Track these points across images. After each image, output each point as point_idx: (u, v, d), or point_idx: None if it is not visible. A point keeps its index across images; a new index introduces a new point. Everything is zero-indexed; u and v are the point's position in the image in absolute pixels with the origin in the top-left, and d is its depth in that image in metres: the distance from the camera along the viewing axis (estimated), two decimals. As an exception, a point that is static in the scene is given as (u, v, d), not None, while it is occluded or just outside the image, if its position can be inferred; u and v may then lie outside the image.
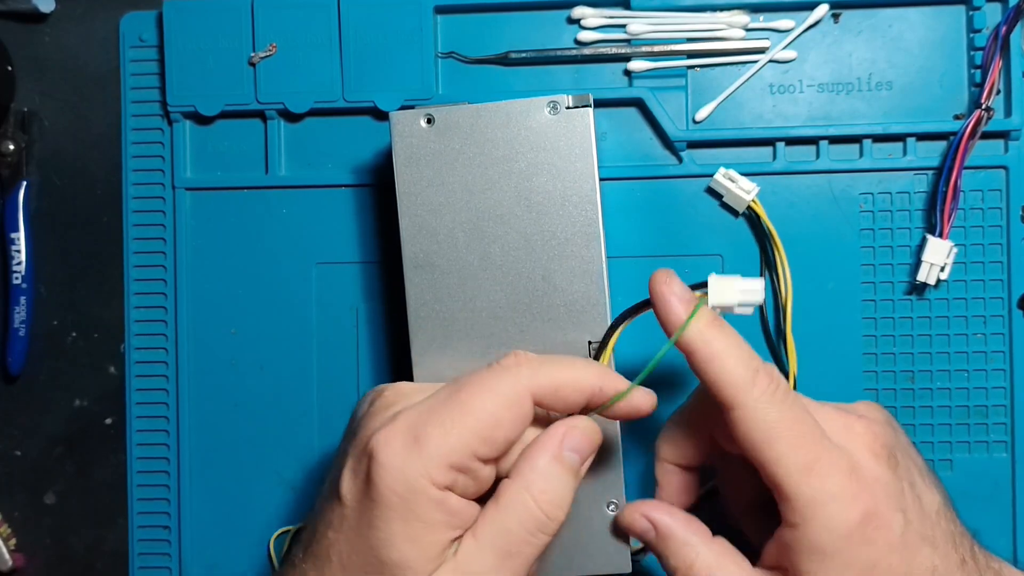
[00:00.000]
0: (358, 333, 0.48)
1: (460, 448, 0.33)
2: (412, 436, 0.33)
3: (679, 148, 0.46)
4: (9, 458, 0.51)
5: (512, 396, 0.34)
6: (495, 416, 0.34)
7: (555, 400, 0.35)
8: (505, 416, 0.34)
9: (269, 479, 0.49)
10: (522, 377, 0.35)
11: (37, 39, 0.51)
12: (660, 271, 0.36)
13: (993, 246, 0.46)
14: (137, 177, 0.49)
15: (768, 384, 0.34)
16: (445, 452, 0.33)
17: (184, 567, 0.49)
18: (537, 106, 0.41)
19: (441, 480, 0.33)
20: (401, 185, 0.41)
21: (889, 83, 0.46)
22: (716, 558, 0.35)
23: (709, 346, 0.34)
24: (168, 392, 0.49)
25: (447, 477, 0.33)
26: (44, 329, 0.51)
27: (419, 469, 0.33)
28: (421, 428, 0.33)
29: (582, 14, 0.47)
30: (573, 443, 0.35)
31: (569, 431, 0.35)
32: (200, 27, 0.47)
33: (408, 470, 0.33)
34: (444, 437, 0.33)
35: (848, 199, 0.46)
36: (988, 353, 0.46)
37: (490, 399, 0.34)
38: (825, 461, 0.33)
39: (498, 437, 0.34)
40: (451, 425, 0.33)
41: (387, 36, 0.47)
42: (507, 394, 0.34)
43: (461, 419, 0.33)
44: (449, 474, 0.33)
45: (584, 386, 0.36)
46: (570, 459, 0.35)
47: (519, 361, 0.35)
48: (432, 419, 0.34)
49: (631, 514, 0.38)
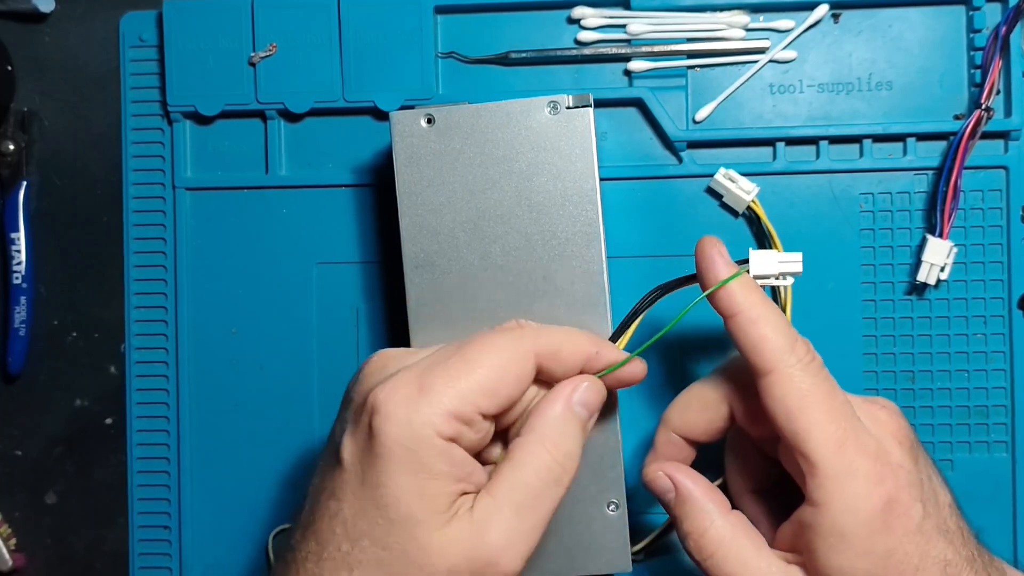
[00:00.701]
0: (358, 333, 0.48)
1: (465, 399, 0.33)
2: (417, 386, 0.33)
3: (679, 148, 0.46)
4: (9, 458, 0.51)
5: (517, 353, 0.35)
6: (500, 371, 0.34)
7: (555, 362, 0.36)
8: (510, 372, 0.34)
9: (269, 479, 0.49)
10: (526, 337, 0.35)
11: (37, 39, 0.51)
12: (708, 237, 0.37)
13: (993, 246, 0.46)
14: (137, 177, 0.49)
15: (806, 353, 0.35)
16: (450, 401, 0.33)
17: (184, 567, 0.49)
18: (537, 106, 0.41)
19: (446, 430, 0.33)
20: (401, 185, 0.41)
21: (889, 83, 0.46)
22: (731, 530, 0.36)
23: (753, 309, 0.35)
24: (168, 392, 0.49)
25: (451, 428, 0.33)
26: (44, 329, 0.51)
27: (424, 418, 0.33)
28: (426, 378, 0.34)
29: (582, 14, 0.47)
30: (581, 397, 0.36)
31: (577, 386, 0.36)
32: (200, 27, 0.47)
33: (414, 419, 0.33)
34: (450, 387, 0.33)
35: (848, 199, 0.46)
36: (988, 353, 0.46)
37: (496, 355, 0.34)
38: (856, 439, 0.34)
39: (502, 392, 0.34)
40: (457, 376, 0.33)
41: (387, 36, 0.47)
42: (512, 351, 0.35)
43: (467, 371, 0.34)
44: (453, 425, 0.33)
45: (582, 349, 0.36)
46: (580, 413, 0.36)
47: (522, 325, 0.36)
48: (437, 371, 0.34)
49: (655, 470, 0.38)
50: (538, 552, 0.41)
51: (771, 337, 0.35)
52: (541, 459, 0.34)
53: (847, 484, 0.33)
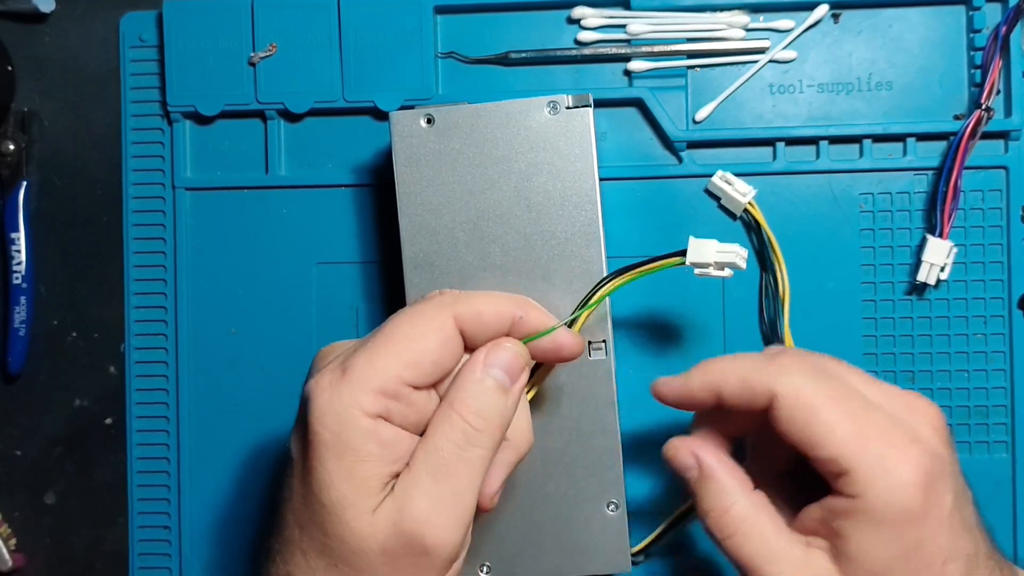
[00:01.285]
0: (358, 333, 0.48)
1: (386, 372, 0.33)
2: (340, 371, 0.33)
3: (679, 148, 0.46)
4: (9, 458, 0.51)
5: (436, 320, 0.35)
6: (421, 339, 0.34)
7: (477, 326, 0.35)
8: (431, 339, 0.34)
9: (269, 479, 0.49)
10: (444, 303, 0.35)
11: (37, 39, 0.51)
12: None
13: (993, 246, 0.46)
14: (137, 177, 0.49)
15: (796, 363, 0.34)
16: (371, 376, 0.33)
17: (184, 567, 0.49)
18: (537, 106, 0.41)
19: (371, 407, 0.33)
20: (401, 185, 0.42)
21: (889, 83, 0.46)
22: (753, 510, 0.35)
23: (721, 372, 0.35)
24: (168, 392, 0.49)
25: (377, 404, 0.33)
26: (44, 329, 0.51)
27: (347, 399, 0.33)
28: (348, 361, 0.34)
29: (582, 14, 0.47)
30: (496, 359, 0.35)
31: (491, 348, 0.35)
32: (200, 27, 0.47)
33: (336, 402, 0.33)
34: (370, 364, 0.33)
35: (848, 199, 0.46)
36: (988, 353, 0.46)
37: (413, 324, 0.34)
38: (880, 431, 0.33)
39: (425, 361, 0.34)
40: (375, 352, 0.33)
41: (387, 36, 0.47)
42: (431, 318, 0.35)
43: (386, 345, 0.34)
44: (379, 400, 0.33)
45: (505, 312, 0.36)
46: (495, 375, 0.35)
47: (442, 292, 0.36)
48: (359, 352, 0.34)
49: (678, 448, 0.37)
50: (538, 552, 0.41)
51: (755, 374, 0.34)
52: (448, 420, 0.34)
53: (880, 477, 0.32)
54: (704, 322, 0.47)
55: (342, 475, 0.33)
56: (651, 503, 0.46)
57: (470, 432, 0.34)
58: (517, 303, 0.37)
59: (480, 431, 0.34)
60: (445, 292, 0.37)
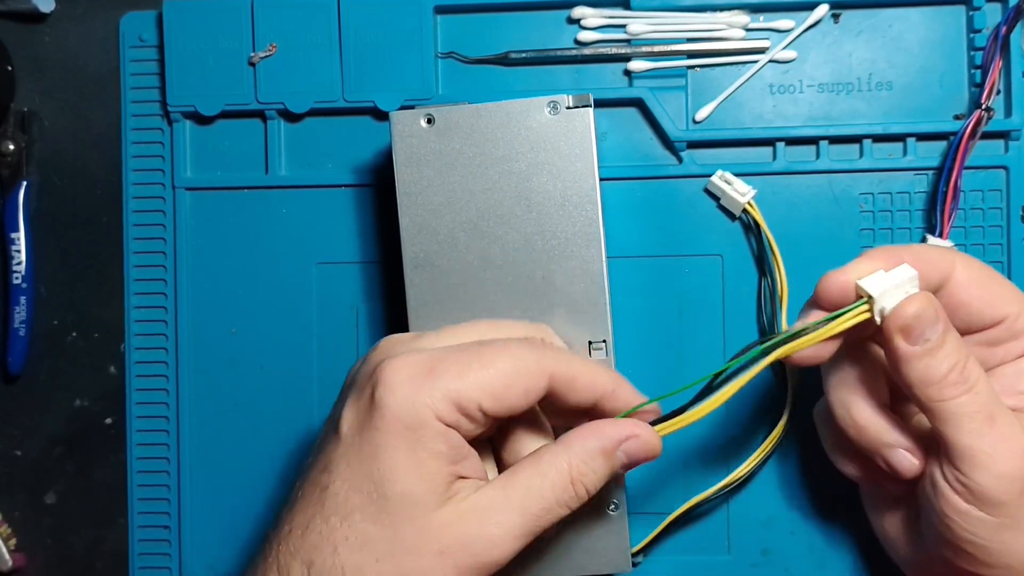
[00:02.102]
0: (358, 333, 0.48)
1: (471, 392, 0.33)
2: (427, 367, 0.33)
3: (679, 148, 0.46)
4: (9, 458, 0.51)
5: (533, 367, 0.34)
6: (512, 377, 0.34)
7: (568, 389, 0.35)
8: (520, 382, 0.34)
9: (269, 479, 0.49)
10: (546, 356, 0.35)
11: (37, 39, 0.51)
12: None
13: (993, 246, 0.46)
14: (137, 177, 0.49)
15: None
16: (456, 390, 0.33)
17: (184, 567, 0.49)
18: (537, 106, 0.41)
19: (447, 416, 0.33)
20: (401, 185, 0.42)
21: (889, 83, 0.46)
22: None
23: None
24: (168, 392, 0.49)
25: (452, 415, 0.33)
26: (44, 329, 0.51)
27: (427, 400, 0.33)
28: (436, 364, 0.33)
29: (582, 14, 0.47)
30: (632, 447, 0.35)
31: (633, 437, 0.35)
32: (200, 27, 0.47)
33: (416, 398, 0.33)
34: (459, 377, 0.33)
35: (848, 199, 0.46)
36: (988, 353, 0.46)
37: (511, 362, 0.34)
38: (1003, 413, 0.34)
39: (507, 398, 0.34)
40: (468, 369, 0.33)
41: (387, 36, 0.47)
42: (529, 362, 0.34)
43: (479, 367, 0.34)
44: (453, 414, 0.33)
45: (599, 385, 0.36)
46: (620, 459, 0.35)
47: (546, 342, 0.36)
48: (450, 358, 0.34)
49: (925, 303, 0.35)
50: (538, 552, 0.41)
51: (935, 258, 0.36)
52: (564, 479, 0.34)
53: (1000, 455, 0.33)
54: (704, 322, 0.47)
55: (411, 468, 0.32)
56: (651, 503, 0.46)
57: (572, 497, 0.34)
58: (612, 377, 0.37)
59: (579, 500, 0.35)
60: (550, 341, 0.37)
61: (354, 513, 0.32)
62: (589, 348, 0.41)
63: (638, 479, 0.46)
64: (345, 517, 0.33)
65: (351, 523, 0.32)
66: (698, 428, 0.46)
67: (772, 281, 0.45)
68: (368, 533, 0.32)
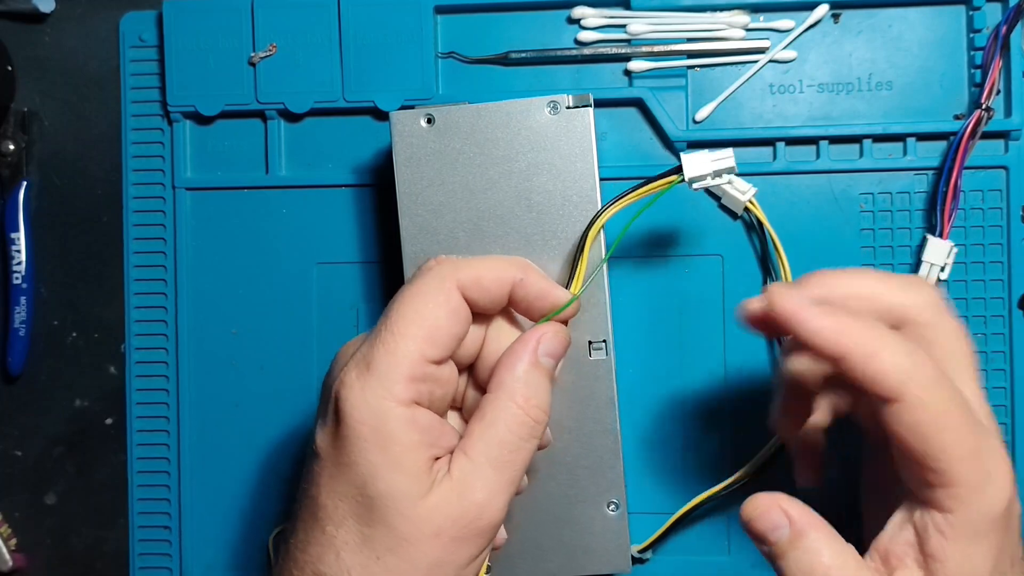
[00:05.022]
0: (358, 333, 0.48)
1: (409, 357, 0.33)
2: (364, 364, 0.34)
3: (679, 148, 0.46)
4: (9, 458, 0.51)
5: (440, 292, 0.35)
6: (432, 316, 0.34)
7: (479, 291, 0.35)
8: (441, 314, 0.34)
9: (269, 479, 0.49)
10: (444, 272, 0.35)
11: (37, 39, 0.51)
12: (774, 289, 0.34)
13: (993, 246, 0.46)
14: (137, 177, 0.49)
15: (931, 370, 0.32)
16: (395, 364, 0.33)
17: (184, 567, 0.49)
18: (537, 106, 0.41)
19: (403, 395, 0.33)
20: (401, 185, 0.42)
21: (889, 83, 0.46)
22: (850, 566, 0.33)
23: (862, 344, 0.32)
24: (168, 392, 0.49)
25: (409, 390, 0.33)
26: (44, 329, 0.51)
27: (379, 391, 0.33)
28: (369, 353, 0.34)
29: (582, 14, 0.47)
30: (547, 347, 0.36)
31: (543, 336, 0.36)
32: (200, 27, 0.47)
33: (369, 395, 0.33)
34: (391, 352, 0.33)
35: (848, 199, 0.46)
36: (988, 353, 0.46)
37: (422, 301, 0.34)
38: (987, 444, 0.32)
39: (441, 336, 0.34)
40: (393, 339, 0.34)
41: (387, 36, 0.47)
42: (434, 290, 0.35)
43: (400, 330, 0.34)
44: (409, 386, 0.33)
45: (505, 275, 0.36)
46: (546, 363, 0.36)
47: (439, 261, 0.36)
48: (376, 341, 0.34)
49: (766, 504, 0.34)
50: (538, 552, 0.41)
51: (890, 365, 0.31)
52: (514, 415, 0.34)
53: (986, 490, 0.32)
54: (704, 322, 0.47)
55: (387, 466, 0.33)
56: (651, 503, 0.46)
57: (532, 425, 0.35)
58: (516, 265, 0.37)
59: (540, 423, 0.35)
60: (442, 260, 0.36)
61: (347, 519, 0.33)
62: (589, 348, 0.41)
63: (638, 479, 0.46)
64: (339, 524, 0.33)
65: (347, 528, 0.33)
66: (699, 428, 0.46)
67: (776, 278, 0.45)
68: (364, 534, 0.33)
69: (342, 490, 0.33)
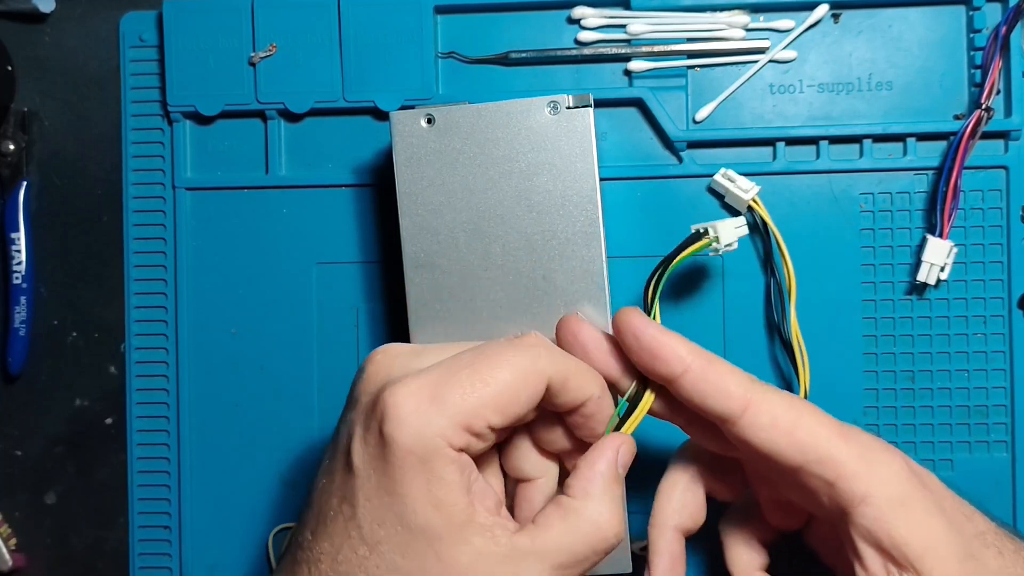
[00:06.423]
0: (358, 333, 0.48)
1: (478, 412, 0.33)
2: (429, 395, 0.33)
3: (679, 148, 0.46)
4: (9, 458, 0.51)
5: (532, 374, 0.34)
6: (514, 389, 0.34)
7: (561, 391, 0.35)
8: (522, 392, 0.34)
9: (269, 479, 0.49)
10: (541, 358, 0.35)
11: (37, 39, 0.51)
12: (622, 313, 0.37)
13: (993, 246, 0.46)
14: (137, 177, 0.49)
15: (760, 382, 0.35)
16: (462, 412, 0.33)
17: (184, 567, 0.49)
18: (537, 106, 0.41)
19: (456, 442, 0.33)
20: (401, 185, 0.41)
21: (889, 83, 0.46)
22: None
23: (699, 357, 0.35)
24: (168, 392, 0.49)
25: (462, 439, 0.33)
26: (44, 329, 0.51)
27: (436, 428, 0.32)
28: (439, 388, 0.33)
29: (582, 14, 0.47)
30: (624, 459, 0.36)
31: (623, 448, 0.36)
32: (200, 27, 0.47)
33: (426, 430, 0.32)
34: (463, 400, 0.33)
35: (848, 199, 0.46)
36: (988, 353, 0.46)
37: (510, 372, 0.34)
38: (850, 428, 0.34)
39: (512, 411, 0.34)
40: (471, 390, 0.33)
41: (387, 36, 0.47)
42: (527, 371, 0.34)
43: (482, 386, 0.33)
44: (463, 437, 0.33)
45: (587, 389, 0.36)
46: (622, 476, 0.36)
47: (538, 343, 0.35)
48: (451, 381, 0.33)
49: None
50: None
51: (731, 375, 0.35)
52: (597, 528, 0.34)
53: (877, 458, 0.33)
54: (704, 321, 0.47)
55: (430, 503, 0.32)
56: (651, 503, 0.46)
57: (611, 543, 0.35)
58: (600, 384, 0.37)
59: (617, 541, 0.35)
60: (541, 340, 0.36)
61: (380, 544, 0.33)
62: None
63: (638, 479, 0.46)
64: (372, 548, 0.33)
65: (379, 553, 0.33)
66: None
67: (779, 276, 0.45)
68: (396, 563, 0.33)
69: (379, 515, 0.33)
